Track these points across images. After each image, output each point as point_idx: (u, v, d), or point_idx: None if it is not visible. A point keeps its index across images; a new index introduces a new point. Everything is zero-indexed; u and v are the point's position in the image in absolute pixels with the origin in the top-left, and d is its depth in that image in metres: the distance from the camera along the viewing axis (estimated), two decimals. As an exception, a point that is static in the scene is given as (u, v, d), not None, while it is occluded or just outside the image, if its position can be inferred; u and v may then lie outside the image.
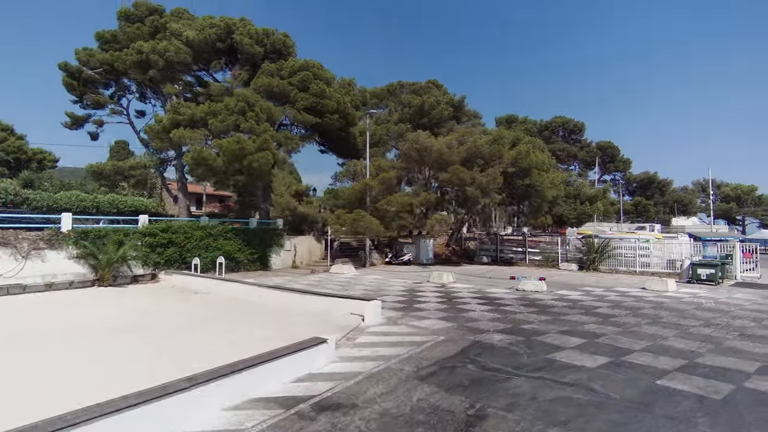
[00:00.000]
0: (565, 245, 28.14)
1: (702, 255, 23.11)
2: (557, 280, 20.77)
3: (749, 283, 20.90)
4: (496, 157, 24.29)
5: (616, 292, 17.00)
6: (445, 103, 32.41)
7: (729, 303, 14.67)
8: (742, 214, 67.76)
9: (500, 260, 31.80)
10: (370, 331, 10.12)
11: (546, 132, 46.82)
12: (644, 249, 25.31)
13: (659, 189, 60.17)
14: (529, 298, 15.02)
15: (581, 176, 50.34)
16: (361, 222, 23.48)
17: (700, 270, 19.86)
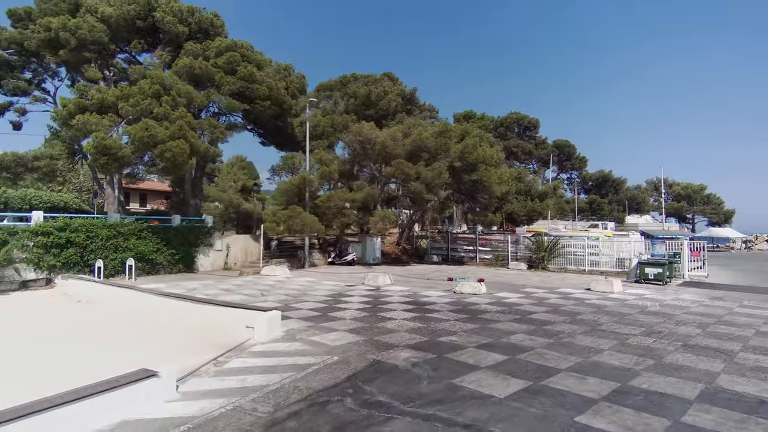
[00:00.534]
0: (516, 244, 27.10)
1: (650, 253, 22.43)
2: (502, 281, 19.50)
3: (697, 282, 20.27)
4: (442, 151, 22.87)
5: (559, 293, 15.79)
6: (395, 94, 30.82)
7: (675, 306, 13.64)
8: (692, 213, 69.66)
9: (451, 259, 30.53)
10: (254, 351, 8.29)
11: (501, 128, 46.10)
12: (593, 247, 24.51)
13: (614, 187, 60.90)
14: (463, 303, 13.54)
15: (537, 173, 50.07)
16: (297, 219, 21.55)
17: (647, 269, 19.02)
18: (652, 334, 9.79)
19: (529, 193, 28.43)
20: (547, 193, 29.19)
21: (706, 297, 15.46)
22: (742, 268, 28.60)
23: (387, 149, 22.76)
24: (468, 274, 22.39)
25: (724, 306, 13.59)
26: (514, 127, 46.86)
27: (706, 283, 19.91)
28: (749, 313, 12.53)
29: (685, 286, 18.74)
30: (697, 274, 21.56)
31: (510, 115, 47.05)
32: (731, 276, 23.38)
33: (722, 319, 11.60)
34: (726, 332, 10.05)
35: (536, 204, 27.55)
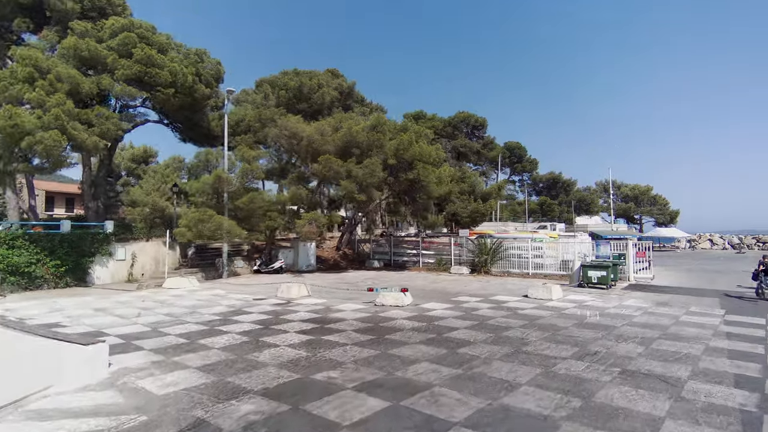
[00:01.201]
0: (459, 247, 25.41)
1: (595, 255, 21.20)
2: (437, 288, 17.60)
3: (642, 285, 19.08)
4: (376, 147, 20.83)
5: (493, 302, 13.97)
6: (333, 88, 28.59)
7: (617, 315, 12.06)
8: (640, 214, 71.06)
9: (394, 264, 28.55)
10: (38, 407, 5.81)
11: (449, 128, 44.78)
12: (537, 249, 23.10)
13: (564, 189, 61.09)
14: (378, 318, 11.42)
15: (485, 174, 49.07)
16: (208, 224, 18.88)
17: (590, 273, 17.60)
18: (585, 356, 7.97)
19: (473, 193, 26.92)
20: (491, 194, 27.71)
21: (651, 303, 14.05)
22: (687, 268, 28.13)
23: (314, 145, 20.48)
24: (404, 280, 20.43)
25: (670, 314, 12.13)
26: (461, 126, 45.63)
27: (652, 285, 18.75)
28: (697, 322, 11.06)
29: (630, 289, 17.45)
30: (642, 276, 20.46)
31: (458, 114, 45.79)
32: (677, 277, 22.52)
33: (668, 331, 10.02)
34: (672, 350, 8.39)
35: (479, 205, 26.01)
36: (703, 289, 17.58)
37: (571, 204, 59.56)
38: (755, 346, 8.73)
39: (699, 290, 17.33)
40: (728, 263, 32.69)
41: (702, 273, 24.82)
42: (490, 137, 48.91)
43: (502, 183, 28.66)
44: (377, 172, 20.19)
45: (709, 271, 25.88)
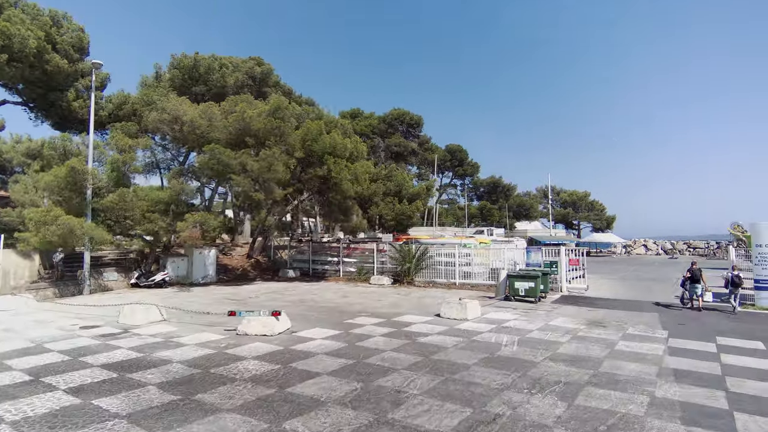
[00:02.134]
0: (383, 254, 22.55)
1: (525, 263, 18.98)
2: (340, 304, 14.54)
3: (576, 296, 16.96)
4: (276, 137, 17.55)
5: (394, 326, 11.07)
6: (243, 72, 24.95)
7: (540, 342, 9.47)
8: (578, 219, 71.83)
9: (312, 274, 25.26)
10: None
11: (383, 125, 42.18)
12: (466, 256, 20.64)
13: (504, 193, 60.31)
14: (219, 359, 8.16)
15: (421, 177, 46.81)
16: (52, 226, 14.84)
17: (517, 284, 15.19)
18: (478, 426, 5.13)
19: (400, 194, 24.29)
20: (419, 194, 25.10)
21: (583, 322, 11.67)
22: (623, 275, 26.82)
23: (198, 131, 16.93)
24: (311, 294, 17.26)
25: (603, 339, 9.69)
26: (396, 124, 43.07)
27: (586, 297, 16.66)
28: (636, 352, 8.64)
29: (562, 303, 15.19)
30: (576, 287, 18.41)
31: (392, 111, 43.16)
32: (612, 286, 20.78)
33: (600, 369, 7.46)
34: (605, 407, 5.75)
35: (405, 206, 23.37)
36: (640, 302, 15.65)
37: (512, 209, 58.79)
38: (713, 394, 6.28)
39: (636, 303, 15.36)
40: (662, 269, 32.00)
41: (637, 281, 23.38)
42: (427, 136, 46.74)
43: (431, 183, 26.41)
44: (277, 166, 16.91)
45: (644, 279, 24.56)
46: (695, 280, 14.10)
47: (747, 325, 11.57)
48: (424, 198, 25.78)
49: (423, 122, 44.35)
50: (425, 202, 26.79)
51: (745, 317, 12.82)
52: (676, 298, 16.27)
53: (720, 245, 54.30)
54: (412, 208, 23.57)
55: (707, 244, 56.72)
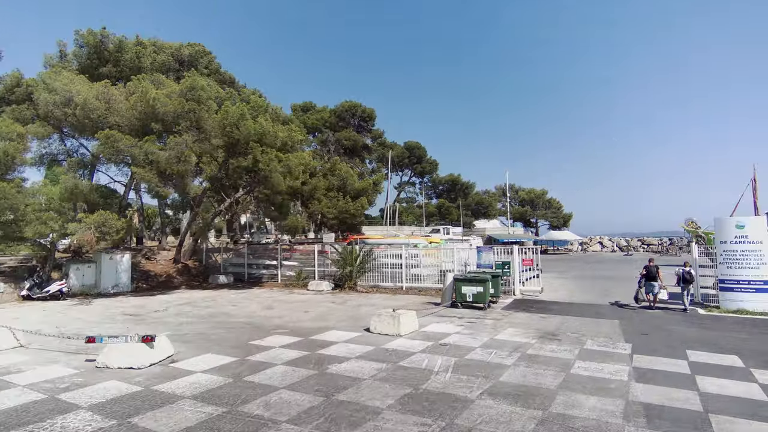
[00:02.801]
0: (324, 256, 20.42)
1: (476, 263, 17.34)
2: (259, 317, 12.31)
3: (529, 300, 15.43)
4: (188, 121, 15.09)
5: (310, 347, 8.99)
6: (168, 54, 22.15)
7: (481, 366, 7.64)
8: (536, 217, 72.00)
9: (248, 279, 22.82)
10: None
11: (333, 118, 39.98)
12: (414, 258, 18.82)
13: (463, 191, 59.31)
14: (47, 408, 5.84)
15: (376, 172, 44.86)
16: None
17: (465, 288, 13.43)
18: None
19: (344, 189, 22.19)
20: (365, 190, 23.02)
21: (534, 335, 9.97)
22: (580, 274, 25.81)
23: (93, 115, 14.27)
24: (237, 303, 14.93)
25: (557, 361, 7.96)
26: (347, 117, 40.88)
27: (540, 301, 15.14)
28: (597, 377, 6.93)
29: (513, 308, 13.56)
30: (530, 289, 16.90)
31: (343, 104, 40.91)
32: (568, 287, 19.49)
33: (551, 411, 5.64)
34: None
35: (349, 204, 21.28)
36: (598, 305, 14.27)
37: (470, 207, 57.90)
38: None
39: (593, 307, 13.94)
40: (618, 267, 31.40)
41: (594, 281, 22.28)
42: (380, 131, 44.81)
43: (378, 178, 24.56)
44: (189, 157, 14.47)
45: (601, 278, 23.55)
46: (652, 277, 13.57)
47: (714, 333, 10.21)
48: (372, 194, 23.79)
49: (375, 116, 42.40)
50: (373, 198, 24.83)
51: (709, 322, 11.54)
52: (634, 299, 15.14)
53: (673, 241, 55.30)
54: (356, 206, 21.51)
55: (660, 241, 57.70)
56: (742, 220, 12.70)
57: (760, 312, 12.24)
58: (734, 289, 12.66)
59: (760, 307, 12.32)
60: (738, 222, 12.73)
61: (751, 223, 12.62)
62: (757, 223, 12.60)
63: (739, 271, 12.61)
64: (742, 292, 12.56)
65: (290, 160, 16.57)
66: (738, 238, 12.66)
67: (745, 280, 12.53)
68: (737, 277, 12.62)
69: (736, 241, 12.69)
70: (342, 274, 18.37)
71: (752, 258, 12.49)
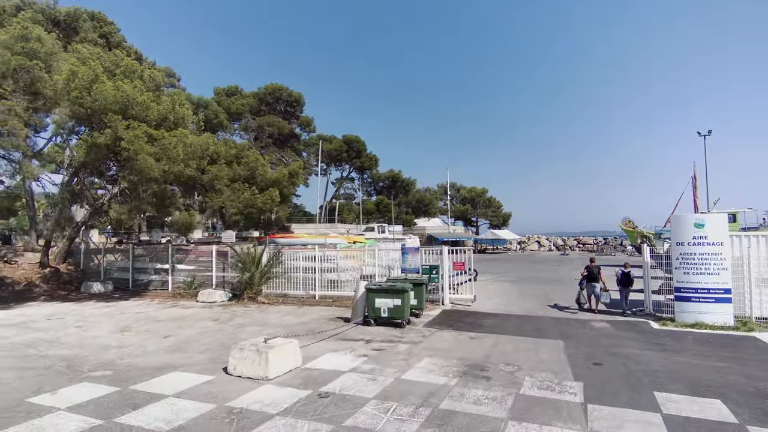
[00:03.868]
0: (224, 259, 17.00)
1: (401, 267, 14.71)
2: (92, 348, 8.86)
3: (459, 311, 12.96)
4: (20, 83, 11.25)
5: (119, 404, 5.78)
6: (36, 11, 17.70)
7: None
8: (476, 216, 71.40)
9: (133, 286, 18.91)
10: None
11: (255, 102, 36.05)
12: (331, 260, 15.87)
13: (404, 188, 57.14)
14: None
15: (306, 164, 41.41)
16: None
17: (379, 301, 10.66)
18: None
19: (254, 180, 18.75)
20: (278, 181, 19.63)
21: (456, 370, 7.33)
22: (518, 276, 23.97)
23: None
24: (85, 323, 11.23)
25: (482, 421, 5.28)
26: (271, 101, 36.96)
27: (471, 314, 12.70)
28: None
29: (439, 325, 10.98)
30: (461, 297, 14.48)
31: (267, 86, 36.95)
32: (505, 292, 17.34)
33: None
34: None
35: (255, 196, 17.87)
36: (538, 318, 12.02)
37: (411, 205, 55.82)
38: None
39: (533, 320, 11.66)
40: (557, 268, 30.11)
41: (533, 284, 20.38)
42: (309, 118, 41.15)
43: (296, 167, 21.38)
44: (13, 124, 10.63)
45: (540, 280, 21.75)
46: (593, 278, 12.81)
47: (679, 359, 8.08)
48: (287, 186, 20.45)
49: (304, 102, 38.75)
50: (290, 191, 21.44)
51: (669, 341, 9.50)
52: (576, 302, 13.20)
53: (607, 241, 56.10)
54: (264, 199, 18.16)
55: (595, 240, 58.51)
56: (702, 218, 10.86)
57: (720, 326, 10.42)
58: (692, 298, 10.77)
59: (720, 320, 10.50)
60: (697, 220, 10.87)
61: (712, 222, 10.79)
62: (718, 222, 10.79)
63: (697, 278, 10.74)
64: (700, 302, 10.70)
65: (167, 140, 12.99)
66: (697, 239, 10.79)
67: (704, 288, 10.67)
68: (695, 285, 10.75)
69: (694, 242, 10.81)
70: (240, 281, 15.08)
71: (712, 262, 10.65)
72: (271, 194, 17.84)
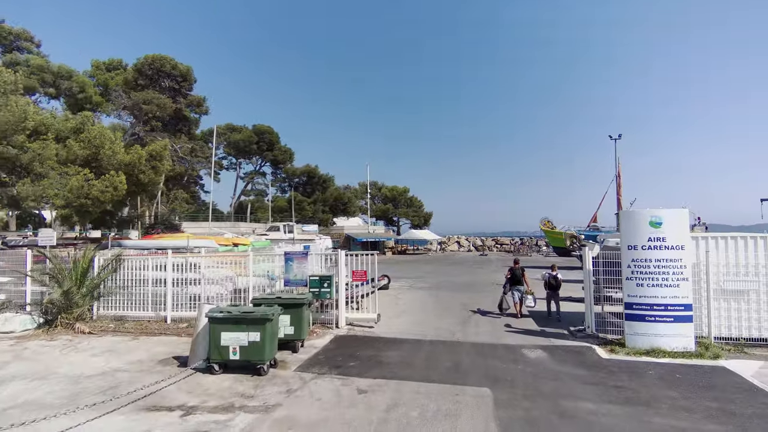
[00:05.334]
0: (42, 267, 12.30)
1: (285, 278, 11.16)
2: None
3: (356, 339, 9.70)
4: None
5: None
6: None
7: None
8: (397, 215, 69.37)
9: None
10: None
11: (133, 75, 30.31)
12: (192, 270, 11.90)
13: (321, 185, 53.29)
14: None
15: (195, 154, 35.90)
16: None
17: (227, 337, 7.07)
18: None
19: (98, 162, 14.03)
20: (133, 165, 14.98)
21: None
22: (436, 281, 21.36)
23: None
24: None
25: None
26: (151, 74, 30.98)
27: (370, 342, 9.48)
28: None
29: (319, 367, 7.61)
30: (362, 317, 11.23)
31: (147, 56, 31.13)
32: (419, 306, 14.40)
33: None
34: None
35: (91, 184, 13.14)
36: (458, 344, 9.11)
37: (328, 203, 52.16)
38: None
39: (449, 349, 8.70)
40: (477, 271, 28.13)
41: (453, 291, 17.79)
42: (199, 97, 35.62)
43: (158, 147, 16.99)
44: None
45: (460, 286, 19.26)
46: (517, 281, 12.08)
47: (658, 423, 5.44)
48: (145, 171, 15.83)
49: (194, 78, 33.02)
50: (152, 178, 16.69)
51: (627, 380, 6.97)
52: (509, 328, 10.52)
53: (523, 241, 56.47)
54: (104, 187, 13.45)
55: (512, 241, 58.80)
56: (659, 215, 8.55)
57: (681, 352, 8.16)
58: (646, 317, 8.43)
59: (680, 344, 8.26)
60: (653, 217, 8.54)
61: (671, 220, 8.53)
62: (679, 220, 8.56)
63: (653, 291, 8.42)
64: (656, 321, 8.38)
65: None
66: (653, 241, 8.47)
67: (661, 304, 8.36)
68: (651, 300, 8.42)
69: (650, 245, 8.49)
70: (50, 300, 10.63)
71: (671, 271, 8.39)
72: (113, 181, 13.25)
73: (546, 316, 11.90)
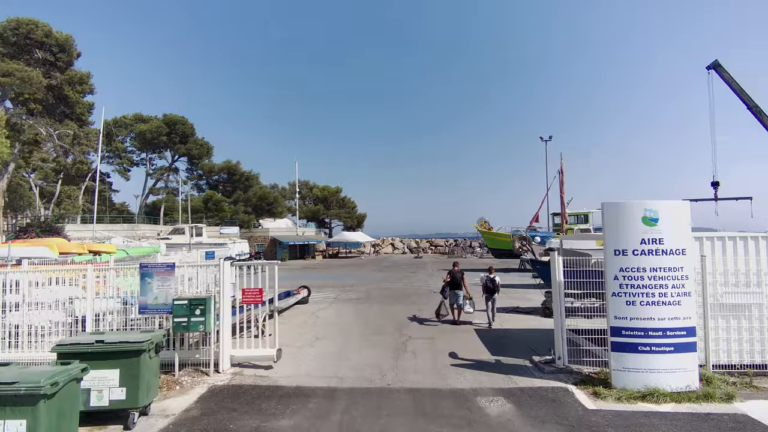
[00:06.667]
0: None
1: (140, 305, 7.83)
2: None
3: (240, 392, 6.64)
4: None
5: None
6: None
7: None
8: (329, 217, 66.11)
9: None
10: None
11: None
12: (11, 290, 8.20)
13: (243, 183, 48.75)
14: None
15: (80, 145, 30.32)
16: None
17: None
18: None
19: None
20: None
21: None
22: (366, 290, 18.62)
23: None
24: None
25: None
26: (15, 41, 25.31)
27: (260, 396, 6.48)
28: None
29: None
30: (255, 355, 8.14)
31: (11, 19, 25.40)
32: (339, 331, 11.55)
33: None
34: None
35: None
36: (388, 393, 6.38)
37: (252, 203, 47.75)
38: None
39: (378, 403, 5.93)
40: (413, 275, 25.80)
41: (385, 303, 15.17)
42: (84, 72, 29.93)
43: None
44: None
45: (393, 296, 16.70)
46: (456, 285, 11.51)
47: None
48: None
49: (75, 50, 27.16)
50: None
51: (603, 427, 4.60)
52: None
53: (458, 243, 55.55)
54: None
55: (447, 242, 57.78)
56: (656, 207, 6.40)
57: (685, 392, 6.01)
58: (640, 347, 6.21)
59: (683, 382, 6.13)
60: (648, 211, 6.37)
61: (670, 215, 6.40)
62: (680, 215, 6.44)
63: (648, 310, 6.23)
64: (652, 351, 6.20)
65: None
66: (648, 243, 6.29)
67: (659, 328, 6.19)
68: (645, 323, 6.23)
69: (644, 249, 6.31)
70: None
71: (670, 283, 6.24)
72: None
73: (488, 328, 10.93)
